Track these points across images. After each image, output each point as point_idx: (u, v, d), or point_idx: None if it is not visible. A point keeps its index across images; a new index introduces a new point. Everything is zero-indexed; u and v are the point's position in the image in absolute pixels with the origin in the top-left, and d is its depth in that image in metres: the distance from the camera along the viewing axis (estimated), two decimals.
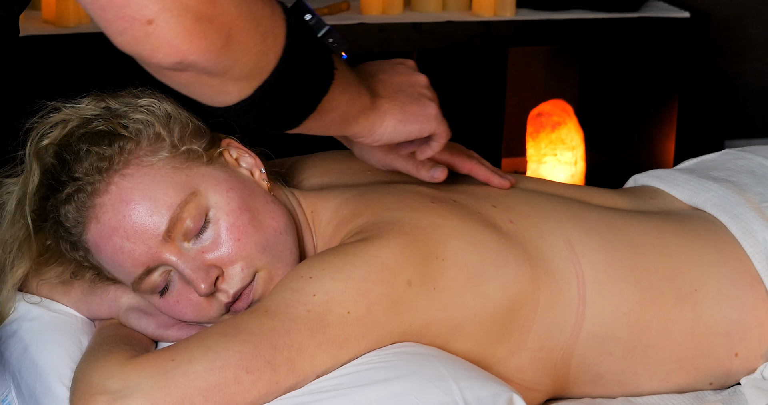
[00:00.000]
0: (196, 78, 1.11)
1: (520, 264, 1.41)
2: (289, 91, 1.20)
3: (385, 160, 1.53)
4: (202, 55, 1.08)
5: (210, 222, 1.35)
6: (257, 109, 1.19)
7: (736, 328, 1.48)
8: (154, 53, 1.06)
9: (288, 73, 1.18)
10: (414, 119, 1.37)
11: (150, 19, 1.03)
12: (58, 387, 1.33)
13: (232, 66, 1.12)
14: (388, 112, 1.35)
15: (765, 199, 1.58)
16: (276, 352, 1.26)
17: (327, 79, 1.24)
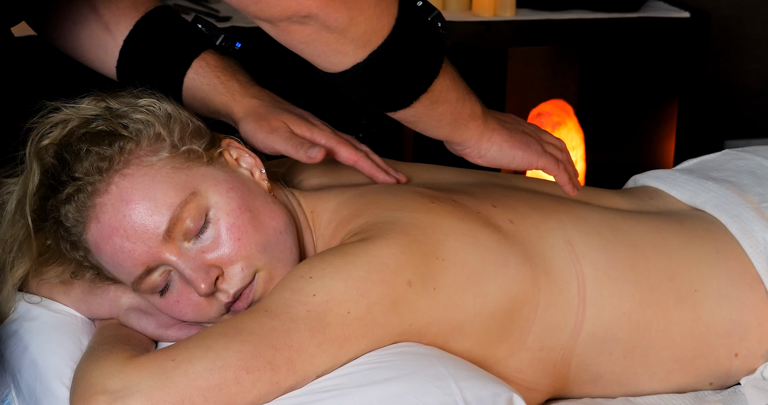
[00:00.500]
0: (317, 34, 1.20)
1: (520, 264, 1.41)
2: (402, 63, 1.26)
3: (266, 141, 1.47)
4: (322, 8, 1.18)
5: (210, 222, 1.35)
6: (371, 75, 1.26)
7: (736, 329, 1.48)
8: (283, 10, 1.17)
9: (400, 43, 1.25)
10: (519, 146, 1.42)
11: None
12: (58, 387, 1.33)
13: (349, 23, 1.21)
14: (496, 131, 1.41)
15: (765, 199, 1.58)
16: (276, 352, 1.26)
17: (437, 61, 1.30)
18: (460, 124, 1.37)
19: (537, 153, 1.43)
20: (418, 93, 1.30)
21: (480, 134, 1.40)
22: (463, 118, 1.37)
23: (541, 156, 1.43)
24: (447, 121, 1.36)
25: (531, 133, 1.46)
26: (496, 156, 1.42)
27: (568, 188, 1.47)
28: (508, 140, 1.41)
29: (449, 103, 1.34)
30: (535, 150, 1.43)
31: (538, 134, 1.47)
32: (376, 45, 1.24)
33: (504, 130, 1.42)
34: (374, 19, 1.23)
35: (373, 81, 1.27)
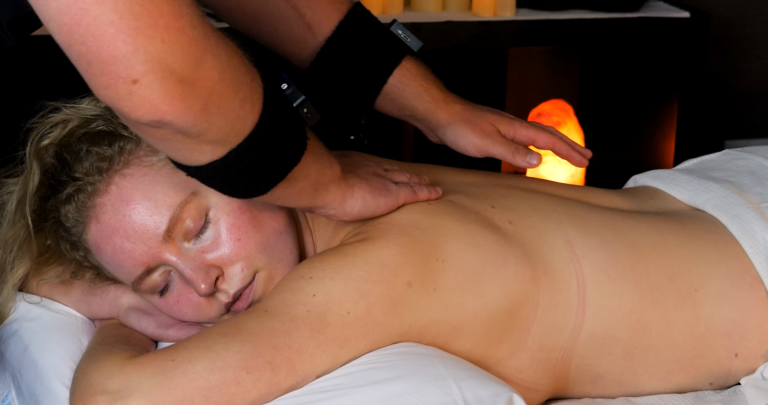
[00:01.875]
0: (172, 136, 1.12)
1: (520, 264, 1.41)
2: (262, 157, 1.20)
3: (481, 145, 1.56)
4: (180, 117, 1.09)
5: (210, 222, 1.35)
6: (228, 171, 1.19)
7: (736, 329, 1.48)
8: (134, 110, 1.07)
9: (262, 140, 1.18)
10: (380, 193, 1.39)
11: (135, 78, 1.04)
12: (58, 387, 1.33)
13: (209, 128, 1.12)
14: (356, 185, 1.38)
15: (765, 199, 1.58)
16: (276, 352, 1.26)
17: (300, 148, 1.25)
18: (319, 191, 1.33)
19: (395, 191, 1.41)
20: (276, 181, 1.24)
21: (342, 194, 1.36)
22: (323, 185, 1.33)
23: (399, 193, 1.42)
24: (307, 193, 1.31)
25: (379, 172, 1.45)
26: (362, 210, 1.38)
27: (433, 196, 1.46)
28: (370, 191, 1.39)
29: (309, 178, 1.29)
30: (393, 190, 1.41)
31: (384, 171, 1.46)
32: (235, 144, 1.16)
33: (363, 182, 1.39)
34: (237, 120, 1.15)
35: (230, 175, 1.20)
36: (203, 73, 1.08)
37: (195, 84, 1.08)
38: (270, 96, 1.18)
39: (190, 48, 1.06)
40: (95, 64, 1.04)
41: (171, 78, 1.06)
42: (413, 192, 1.43)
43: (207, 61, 1.08)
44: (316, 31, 1.58)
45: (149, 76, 1.04)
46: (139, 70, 1.04)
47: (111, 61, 1.03)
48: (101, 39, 1.02)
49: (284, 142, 1.22)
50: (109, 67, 1.04)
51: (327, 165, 1.32)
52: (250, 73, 1.16)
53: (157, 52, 1.04)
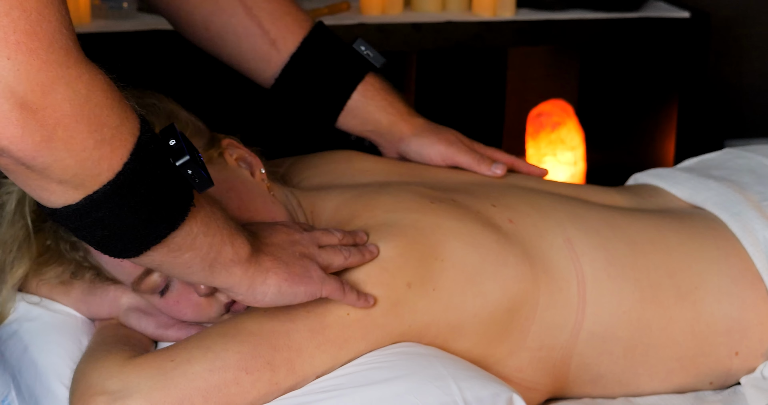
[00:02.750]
0: (14, 167, 1.02)
1: (520, 263, 1.41)
2: (127, 212, 1.08)
3: (447, 153, 1.61)
4: (15, 144, 0.99)
5: None
6: (84, 220, 1.07)
7: (736, 327, 1.48)
8: None
9: (126, 191, 1.07)
10: (299, 280, 1.25)
11: None
12: (58, 387, 1.33)
13: (53, 165, 1.02)
14: (270, 270, 1.23)
15: (765, 197, 1.58)
16: (275, 352, 1.26)
17: (179, 212, 1.12)
18: (217, 269, 1.19)
19: (320, 281, 1.26)
20: (149, 244, 1.12)
21: (251, 280, 1.22)
22: (222, 263, 1.19)
23: (324, 284, 1.27)
24: (198, 268, 1.17)
25: (308, 250, 1.29)
26: (276, 299, 1.24)
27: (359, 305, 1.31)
28: (287, 278, 1.24)
29: (198, 250, 1.15)
30: (316, 278, 1.26)
31: (313, 244, 1.30)
32: (92, 190, 1.05)
33: (280, 267, 1.24)
34: (90, 162, 1.03)
35: (90, 226, 1.08)
36: (51, 102, 0.99)
37: (39, 112, 0.99)
38: (143, 146, 1.07)
39: (40, 72, 0.98)
40: None
41: (11, 99, 0.97)
42: (341, 290, 1.28)
43: (58, 90, 0.99)
44: (281, 48, 1.60)
45: None
46: None
47: None
48: None
49: (155, 200, 1.09)
50: None
51: (227, 241, 1.18)
52: (120, 116, 1.06)
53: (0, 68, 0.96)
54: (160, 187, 1.09)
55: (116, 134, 1.05)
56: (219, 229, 1.17)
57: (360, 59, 1.64)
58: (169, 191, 1.10)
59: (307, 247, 1.29)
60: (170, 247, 1.13)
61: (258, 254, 1.23)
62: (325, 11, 2.57)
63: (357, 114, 1.64)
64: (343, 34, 1.69)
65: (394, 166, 1.61)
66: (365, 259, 1.34)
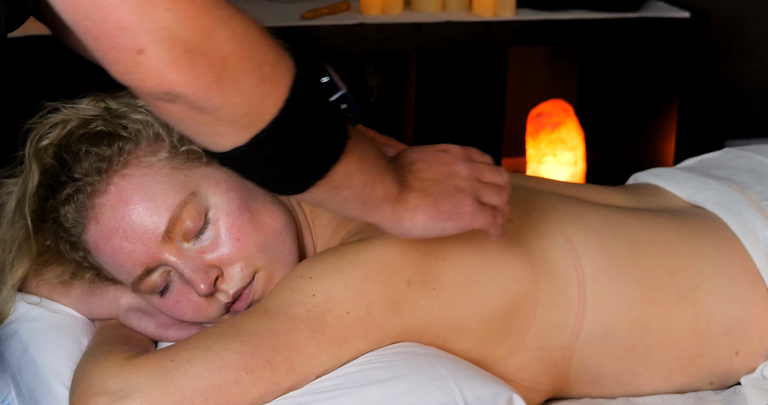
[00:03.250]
0: (188, 113, 1.08)
1: (520, 263, 1.41)
2: (291, 149, 1.13)
3: None
4: (190, 87, 1.05)
5: (209, 222, 1.35)
6: (254, 160, 1.13)
7: (736, 326, 1.48)
8: (144, 83, 1.04)
9: (289, 128, 1.11)
10: (448, 217, 1.28)
11: (141, 48, 1.02)
12: (58, 387, 1.33)
13: (223, 104, 1.07)
14: (418, 208, 1.26)
15: (766, 197, 1.58)
16: (276, 352, 1.26)
17: (337, 146, 1.17)
18: (370, 207, 1.23)
19: (471, 215, 1.29)
20: (313, 179, 1.17)
21: (399, 216, 1.25)
22: (375, 201, 1.23)
23: (475, 217, 1.29)
24: (354, 205, 1.22)
25: (465, 184, 1.30)
26: (423, 233, 1.28)
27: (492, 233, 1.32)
28: (434, 215, 1.27)
29: (354, 188, 1.20)
30: (467, 212, 1.28)
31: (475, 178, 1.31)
32: (259, 128, 1.10)
33: (428, 204, 1.27)
34: (256, 100, 1.09)
35: (260, 165, 1.14)
36: (214, 44, 1.04)
37: (205, 54, 1.04)
38: (300, 83, 1.12)
39: (198, 17, 1.03)
40: (102, 39, 1.02)
41: (178, 46, 1.03)
42: (494, 223, 1.31)
43: (218, 31, 1.04)
44: None
45: (155, 46, 1.02)
46: (144, 39, 1.01)
47: (117, 33, 1.01)
48: (105, 11, 1.00)
49: (315, 134, 1.15)
50: (115, 40, 1.01)
51: (379, 180, 1.22)
52: (276, 54, 1.10)
53: (163, 20, 1.01)
54: (319, 122, 1.14)
55: (275, 71, 1.10)
56: (371, 166, 1.21)
57: None
58: (327, 125, 1.15)
59: (466, 180, 1.31)
60: (331, 184, 1.18)
61: (407, 191, 1.26)
62: (325, 11, 2.57)
63: None
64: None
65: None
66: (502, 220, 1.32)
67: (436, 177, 1.30)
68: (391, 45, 2.54)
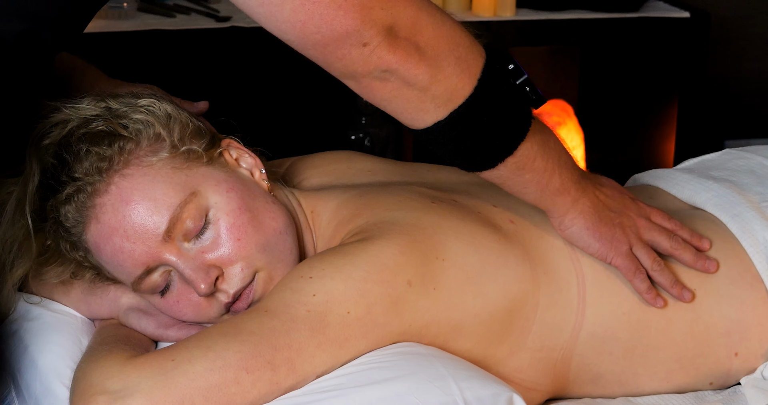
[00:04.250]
0: (398, 91, 1.26)
1: (520, 264, 1.41)
2: (484, 124, 1.29)
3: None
4: (402, 64, 1.24)
5: (210, 222, 1.35)
6: (453, 133, 1.29)
7: (736, 328, 1.48)
8: (366, 66, 1.23)
9: (482, 104, 1.28)
10: (600, 237, 1.42)
11: (365, 42, 1.22)
12: (58, 387, 1.33)
13: (430, 80, 1.26)
14: (584, 213, 1.42)
15: (765, 198, 1.58)
16: (276, 352, 1.26)
17: (523, 126, 1.33)
18: (546, 195, 1.38)
19: (616, 252, 1.43)
20: (503, 155, 1.33)
21: (566, 211, 1.41)
22: (551, 190, 1.38)
23: (619, 256, 1.43)
24: (533, 190, 1.37)
25: (627, 227, 1.45)
26: (574, 237, 1.43)
27: (646, 297, 1.45)
28: (591, 228, 1.42)
29: (535, 172, 1.35)
30: (616, 248, 1.43)
31: (636, 231, 1.45)
32: (457, 104, 1.28)
33: (593, 216, 1.42)
34: (455, 77, 1.27)
35: (456, 140, 1.30)
36: (419, 28, 1.25)
37: (412, 37, 1.24)
38: (490, 65, 1.29)
39: (406, 8, 1.24)
40: (331, 46, 1.22)
41: (392, 34, 1.23)
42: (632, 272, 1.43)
43: (422, 17, 1.25)
44: None
45: (376, 38, 1.22)
46: (367, 35, 1.22)
47: (344, 37, 1.21)
48: (333, 22, 1.20)
49: (505, 112, 1.31)
50: (343, 42, 1.21)
51: (558, 170, 1.37)
52: (469, 38, 1.29)
53: (379, 18, 1.22)
54: (507, 101, 1.31)
55: (469, 53, 1.29)
56: (552, 154, 1.37)
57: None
58: (514, 105, 1.32)
59: (630, 220, 1.45)
60: (517, 164, 1.34)
61: (582, 195, 1.41)
62: None
63: None
64: None
65: (394, 166, 1.61)
66: (694, 262, 1.46)
67: (612, 205, 1.44)
68: None
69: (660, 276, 1.45)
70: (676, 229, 1.48)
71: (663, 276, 1.45)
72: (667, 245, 1.46)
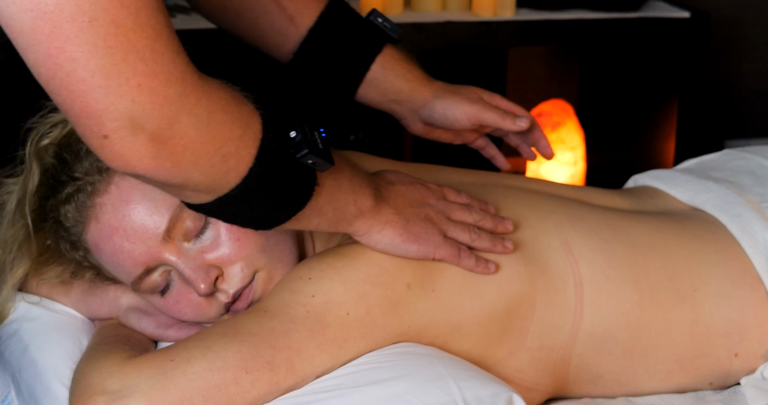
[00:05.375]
0: (154, 184, 1.14)
1: (516, 264, 1.41)
2: (256, 206, 1.19)
3: (471, 111, 1.60)
4: (150, 172, 1.09)
5: (210, 222, 1.35)
6: (218, 214, 1.20)
7: (736, 329, 1.48)
8: (109, 162, 1.08)
9: (254, 190, 1.17)
10: (415, 239, 1.35)
11: (105, 134, 1.05)
12: (58, 387, 1.33)
13: (186, 182, 1.12)
14: (389, 222, 1.34)
15: (765, 199, 1.58)
16: (275, 352, 1.26)
17: (304, 195, 1.23)
18: (341, 224, 1.31)
19: (435, 244, 1.35)
20: (279, 223, 1.24)
21: (369, 227, 1.33)
22: (345, 220, 1.30)
23: (439, 247, 1.36)
24: (324, 227, 1.30)
25: (435, 216, 1.38)
26: (388, 248, 1.34)
27: (478, 271, 1.38)
28: (402, 234, 1.34)
29: (324, 216, 1.27)
30: (432, 241, 1.35)
31: (446, 215, 1.39)
32: (222, 193, 1.16)
33: (399, 222, 1.34)
34: (217, 175, 1.13)
35: (223, 216, 1.22)
36: (177, 132, 1.08)
37: (167, 142, 1.07)
38: (265, 149, 1.16)
39: (163, 108, 1.06)
40: (70, 115, 1.05)
41: (141, 135, 1.06)
42: (457, 256, 1.37)
43: (182, 119, 1.07)
44: (299, 23, 1.61)
45: (119, 133, 1.05)
46: (109, 126, 1.05)
47: (83, 116, 1.04)
48: (74, 94, 1.03)
49: (282, 190, 1.20)
50: (82, 121, 1.05)
51: (351, 201, 1.29)
52: (241, 126, 1.14)
53: (127, 110, 1.04)
54: (285, 179, 1.19)
55: (240, 145, 1.13)
56: (343, 194, 1.28)
57: (377, 31, 1.64)
58: (293, 180, 1.20)
59: (436, 215, 1.37)
60: (300, 221, 1.25)
61: (381, 205, 1.33)
62: None
63: (377, 85, 1.63)
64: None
65: (394, 167, 1.61)
66: (495, 249, 1.39)
67: (411, 201, 1.36)
68: None
69: (481, 242, 1.39)
70: (470, 201, 1.43)
71: (483, 240, 1.40)
72: (471, 220, 1.41)
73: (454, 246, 1.37)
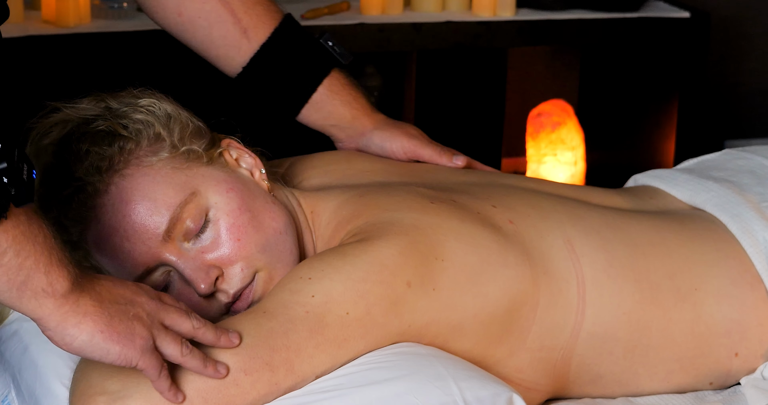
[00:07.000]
0: None
1: (520, 264, 1.41)
2: None
3: (409, 146, 1.64)
4: None
5: (210, 222, 1.35)
6: None
7: (736, 328, 1.48)
8: None
9: None
10: (118, 339, 1.15)
11: None
12: (58, 387, 1.33)
13: None
14: (88, 315, 1.15)
15: (765, 198, 1.58)
16: (274, 353, 1.26)
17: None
18: (26, 296, 1.12)
19: (140, 350, 1.16)
20: None
21: (63, 317, 1.13)
22: (32, 290, 1.11)
23: (144, 355, 1.17)
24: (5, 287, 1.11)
25: (145, 317, 1.18)
26: (85, 347, 1.15)
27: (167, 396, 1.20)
28: (104, 331, 1.15)
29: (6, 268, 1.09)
30: (138, 346, 1.16)
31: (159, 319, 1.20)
32: None
33: (102, 317, 1.15)
34: None
35: None
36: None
37: None
38: None
39: None
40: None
41: None
42: (156, 370, 1.18)
43: None
44: (252, 37, 1.62)
45: None
46: None
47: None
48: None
49: None
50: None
51: (42, 269, 1.11)
52: None
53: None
54: None
55: None
56: (36, 253, 1.11)
57: (327, 54, 1.66)
58: None
59: (146, 316, 1.19)
60: None
61: (81, 295, 1.15)
62: (325, 11, 2.57)
63: (321, 107, 1.65)
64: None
65: (394, 167, 1.61)
66: (204, 371, 1.21)
67: (118, 297, 1.18)
68: (391, 45, 2.54)
69: (191, 360, 1.20)
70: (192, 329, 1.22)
71: (194, 359, 1.21)
72: (189, 325, 1.21)
73: (159, 359, 1.19)
